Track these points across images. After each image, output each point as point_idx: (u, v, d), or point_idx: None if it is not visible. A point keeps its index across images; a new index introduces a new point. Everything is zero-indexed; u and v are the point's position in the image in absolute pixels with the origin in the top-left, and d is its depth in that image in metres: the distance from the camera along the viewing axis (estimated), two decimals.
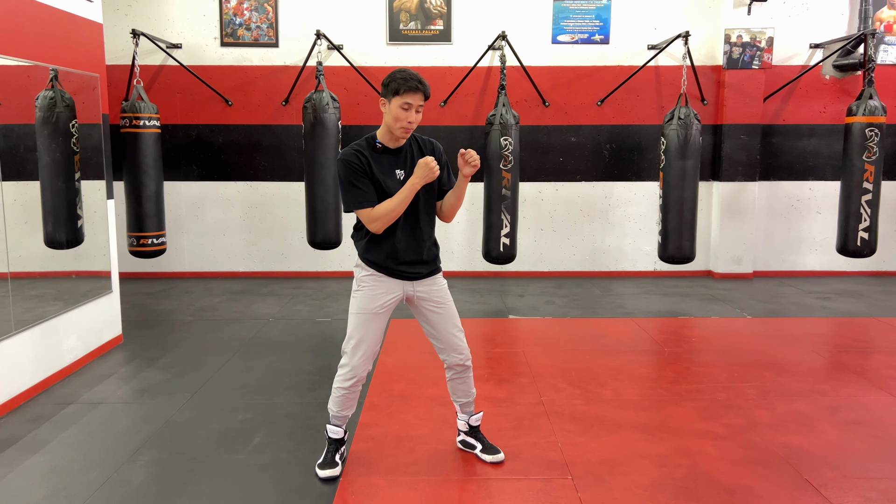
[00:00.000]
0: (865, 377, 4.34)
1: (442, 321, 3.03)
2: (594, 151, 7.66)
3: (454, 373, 3.14)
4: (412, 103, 2.75)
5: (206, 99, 7.45)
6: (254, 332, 5.43)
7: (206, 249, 7.70)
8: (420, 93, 2.75)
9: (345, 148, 2.86)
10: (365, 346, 2.93)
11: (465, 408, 3.24)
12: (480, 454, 3.19)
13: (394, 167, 2.89)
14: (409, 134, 2.85)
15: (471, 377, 3.18)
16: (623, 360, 4.69)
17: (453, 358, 3.07)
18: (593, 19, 7.47)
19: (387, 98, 2.79)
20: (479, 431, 3.26)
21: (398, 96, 2.74)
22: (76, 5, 4.57)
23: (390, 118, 2.79)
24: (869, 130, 6.40)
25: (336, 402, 3.04)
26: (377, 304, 2.93)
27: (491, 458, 3.16)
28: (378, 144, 2.87)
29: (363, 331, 2.92)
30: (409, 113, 2.76)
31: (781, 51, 7.50)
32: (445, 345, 3.05)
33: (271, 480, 3.03)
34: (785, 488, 2.94)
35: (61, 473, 3.10)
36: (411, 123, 2.79)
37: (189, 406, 3.90)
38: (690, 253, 6.60)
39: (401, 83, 2.73)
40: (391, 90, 2.75)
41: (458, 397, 3.21)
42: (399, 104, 2.74)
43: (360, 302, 2.93)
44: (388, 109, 2.79)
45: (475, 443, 3.24)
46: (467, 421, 3.25)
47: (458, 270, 7.73)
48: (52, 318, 4.30)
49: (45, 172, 4.67)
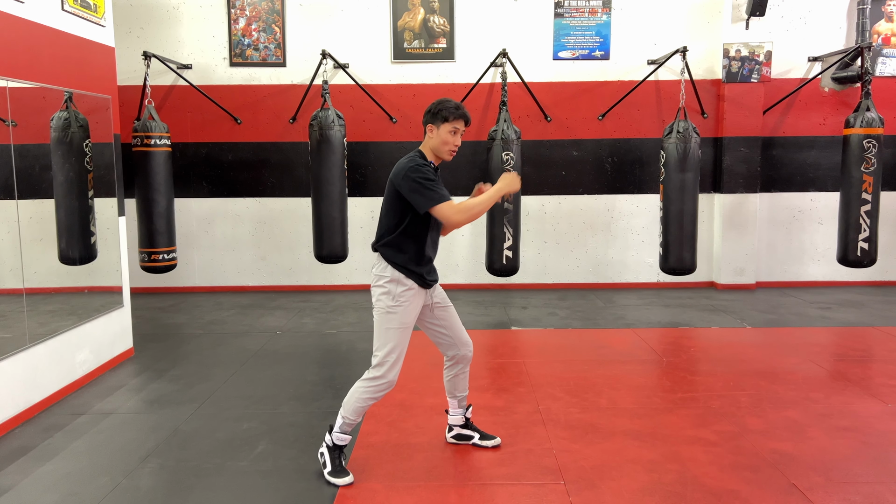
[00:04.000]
0: (859, 385, 4.41)
1: (452, 318, 3.31)
2: (596, 165, 7.77)
3: (460, 367, 3.38)
4: (458, 128, 3.10)
5: (216, 118, 7.64)
6: (261, 345, 5.56)
7: (215, 264, 7.86)
8: (464, 120, 3.10)
9: (406, 161, 3.07)
10: (403, 356, 3.17)
11: (461, 402, 3.48)
12: (480, 441, 3.48)
13: (440, 183, 3.14)
14: (453, 156, 3.15)
15: (468, 372, 3.46)
16: (621, 370, 4.78)
17: (463, 350, 3.34)
18: (594, 35, 7.61)
19: (435, 124, 3.09)
20: (471, 423, 3.54)
21: (448, 123, 3.06)
22: (89, 30, 4.76)
23: (438, 142, 3.09)
24: (867, 142, 6.48)
25: (358, 412, 3.18)
26: (413, 316, 3.16)
27: (491, 443, 3.47)
28: (433, 164, 3.14)
29: (403, 345, 3.13)
30: (456, 137, 3.10)
31: (780, 64, 7.61)
32: (457, 339, 3.32)
33: (274, 487, 3.15)
34: (772, 493, 3.02)
35: (72, 480, 3.23)
36: (457, 146, 3.13)
37: (196, 416, 4.02)
38: (691, 264, 6.69)
39: (451, 111, 3.07)
40: (441, 118, 3.07)
41: (460, 391, 3.45)
42: (448, 129, 3.07)
43: (402, 317, 3.10)
44: (437, 134, 3.09)
45: (472, 433, 3.50)
46: (464, 414, 3.50)
47: (463, 283, 7.85)
48: (66, 332, 4.45)
49: (60, 191, 4.84)
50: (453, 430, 3.54)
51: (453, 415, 3.52)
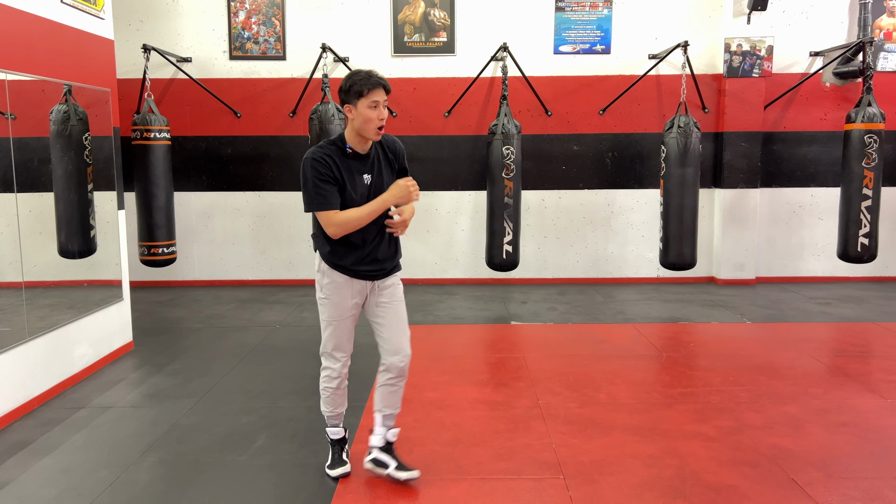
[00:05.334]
0: (858, 380, 4.41)
1: (390, 319, 3.02)
2: (596, 160, 7.76)
3: (389, 377, 3.05)
4: (379, 100, 2.73)
5: (216, 111, 7.62)
6: (260, 339, 5.56)
7: (215, 258, 7.85)
8: (383, 88, 2.74)
9: (312, 148, 2.82)
10: (343, 348, 3.06)
11: (387, 420, 3.11)
12: (394, 472, 3.03)
13: (361, 171, 2.86)
14: (382, 133, 2.82)
15: (402, 388, 3.11)
16: (620, 365, 4.78)
17: (395, 359, 3.02)
18: (595, 30, 7.58)
19: (351, 103, 2.75)
20: (393, 449, 3.12)
21: (364, 98, 2.72)
22: (88, 23, 4.74)
23: (361, 121, 2.75)
24: (868, 137, 6.46)
25: (328, 402, 3.13)
26: (346, 307, 2.99)
27: (406, 476, 3.03)
28: (348, 149, 2.83)
29: (338, 336, 3.02)
30: (378, 111, 2.74)
31: (781, 59, 7.58)
32: (389, 343, 3.02)
33: (273, 481, 3.15)
34: (770, 487, 3.02)
35: (71, 474, 3.23)
36: (383, 121, 2.77)
37: (195, 410, 4.02)
38: (691, 259, 6.69)
39: (363, 83, 2.71)
40: (354, 93, 2.73)
41: (385, 406, 3.09)
42: (367, 105, 2.72)
43: (330, 311, 2.99)
44: (357, 113, 2.75)
45: (389, 460, 3.06)
46: (384, 435, 3.10)
47: (463, 278, 7.84)
48: (65, 326, 4.45)
49: (59, 184, 4.83)
50: (371, 452, 3.10)
51: (375, 434, 3.11)
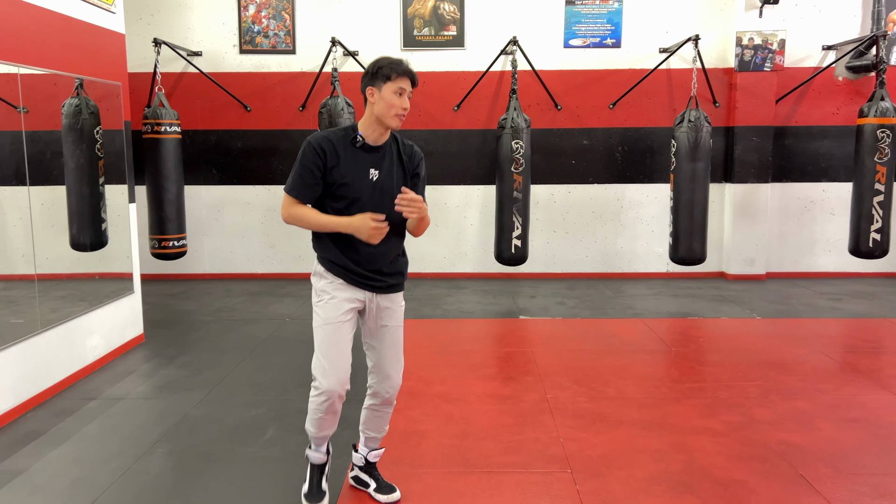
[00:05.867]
0: (869, 376, 4.39)
1: (388, 342, 2.77)
2: (606, 154, 7.73)
3: (375, 403, 2.85)
4: (405, 89, 2.57)
5: (226, 105, 7.65)
6: (270, 332, 5.59)
7: (225, 252, 7.89)
8: (411, 78, 2.58)
9: (317, 132, 2.65)
10: (338, 363, 2.65)
11: (369, 442, 2.96)
12: (374, 493, 2.92)
13: (368, 165, 2.63)
14: (402, 123, 2.62)
15: (389, 414, 2.92)
16: (629, 360, 4.78)
17: (381, 387, 2.80)
18: (605, 23, 7.55)
19: (376, 86, 2.56)
20: (375, 468, 2.99)
21: (391, 82, 2.54)
22: (100, 17, 4.76)
23: (383, 106, 2.56)
24: (881, 132, 6.41)
25: (314, 424, 2.76)
26: (343, 310, 2.66)
27: (386, 498, 2.89)
28: (358, 138, 2.61)
29: (333, 346, 2.65)
30: (403, 99, 2.56)
31: (793, 53, 7.53)
32: (380, 369, 2.79)
33: (282, 472, 3.17)
34: (778, 483, 3.02)
35: (83, 464, 3.26)
36: (405, 110, 2.58)
37: (205, 402, 4.05)
38: (701, 254, 6.66)
39: (393, 67, 2.54)
40: (382, 76, 2.55)
41: (369, 429, 2.93)
42: (393, 90, 2.54)
43: (325, 312, 2.67)
44: (380, 97, 2.56)
45: (369, 480, 2.96)
46: (365, 455, 2.97)
47: (471, 272, 7.84)
48: (77, 318, 4.49)
49: (71, 177, 4.86)
50: (353, 470, 3.03)
51: (355, 453, 3.01)
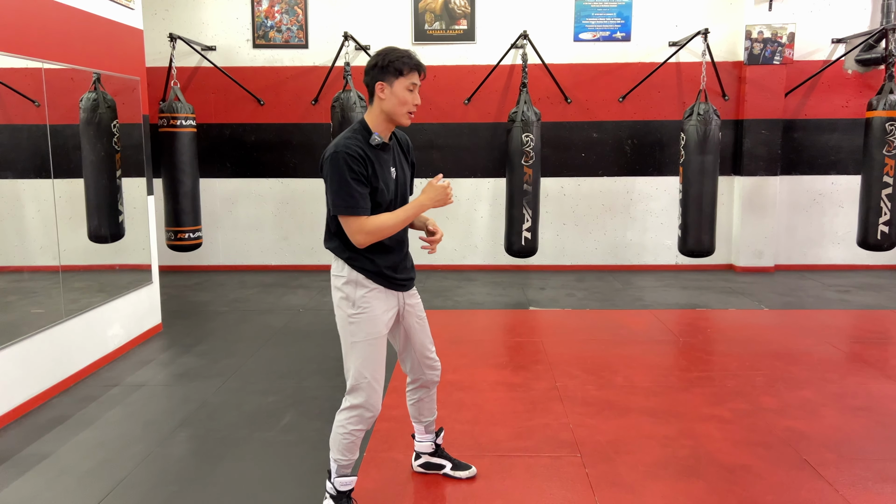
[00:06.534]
0: (875, 366, 4.45)
1: (420, 333, 2.76)
2: (616, 147, 7.79)
3: (424, 392, 2.88)
4: (417, 83, 2.48)
5: (239, 99, 7.75)
6: (284, 322, 5.70)
7: (239, 244, 8.01)
8: (420, 72, 2.49)
9: (339, 140, 2.46)
10: (382, 374, 2.58)
11: (429, 427, 3.00)
12: (452, 472, 3.01)
13: (388, 164, 2.55)
14: (412, 119, 2.53)
15: (435, 394, 2.96)
16: (637, 350, 4.86)
17: (428, 375, 2.83)
18: (615, 17, 7.59)
19: (386, 81, 2.44)
20: (443, 450, 3.08)
21: (403, 77, 2.44)
22: (120, 13, 4.86)
23: (395, 103, 2.45)
24: (889, 125, 6.43)
25: (346, 448, 2.61)
26: (384, 322, 2.57)
27: (465, 474, 3.00)
28: (376, 139, 2.48)
29: (376, 360, 2.55)
30: (414, 95, 2.48)
31: (803, 46, 7.55)
32: (420, 359, 2.79)
33: (300, 456, 3.27)
34: (783, 468, 3.10)
35: (108, 447, 3.38)
36: (417, 106, 2.51)
37: (223, 389, 4.16)
38: (710, 246, 6.72)
39: (405, 61, 2.44)
40: (394, 70, 2.43)
41: (425, 416, 2.96)
42: (405, 86, 2.45)
43: (367, 326, 2.52)
44: (391, 93, 2.45)
45: (443, 462, 3.04)
46: (434, 441, 3.03)
47: (481, 264, 7.93)
48: (99, 307, 4.61)
49: (89, 170, 4.97)
50: (421, 457, 3.05)
51: (421, 441, 3.02)
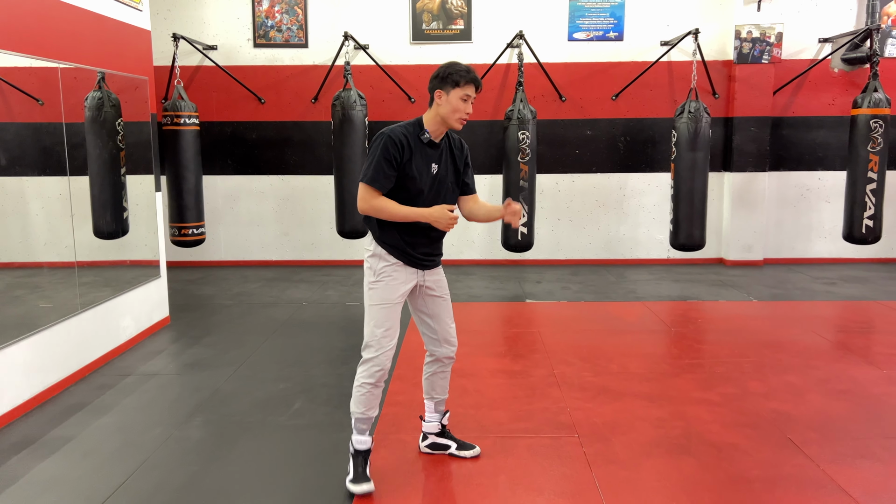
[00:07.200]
0: (858, 353, 4.65)
1: (443, 311, 3.05)
2: (609, 144, 7.98)
3: (440, 366, 3.13)
4: (470, 95, 2.81)
5: (241, 97, 7.90)
6: (289, 315, 5.86)
7: (240, 239, 8.16)
8: (476, 85, 2.81)
9: (394, 125, 2.86)
10: (392, 335, 2.91)
11: (439, 406, 3.21)
12: (458, 452, 3.21)
13: (431, 160, 2.89)
14: (463, 125, 2.87)
15: (449, 372, 3.20)
16: (631, 339, 5.05)
17: (445, 350, 3.08)
18: (608, 17, 7.78)
19: (444, 90, 2.80)
20: (448, 431, 3.28)
21: (459, 88, 2.77)
22: (128, 15, 5.01)
23: (448, 109, 2.80)
24: (874, 122, 6.65)
25: (361, 401, 2.93)
26: (399, 293, 2.90)
27: (470, 453, 3.20)
28: (426, 135, 2.86)
29: (388, 323, 2.89)
30: (467, 104, 2.81)
31: (791, 45, 7.76)
32: (441, 336, 3.06)
33: (311, 439, 3.44)
34: (769, 446, 3.29)
35: (128, 431, 3.54)
36: (468, 115, 2.84)
37: (234, 378, 4.33)
38: (700, 241, 6.92)
39: (462, 75, 2.77)
40: (451, 82, 2.78)
41: (438, 393, 3.19)
42: (459, 95, 2.78)
43: (383, 293, 2.88)
44: (447, 101, 2.80)
45: (448, 442, 3.24)
46: (440, 420, 3.23)
47: (479, 259, 8.11)
48: (111, 300, 4.76)
49: (94, 168, 5.08)
50: (427, 438, 3.25)
51: (429, 420, 3.23)
